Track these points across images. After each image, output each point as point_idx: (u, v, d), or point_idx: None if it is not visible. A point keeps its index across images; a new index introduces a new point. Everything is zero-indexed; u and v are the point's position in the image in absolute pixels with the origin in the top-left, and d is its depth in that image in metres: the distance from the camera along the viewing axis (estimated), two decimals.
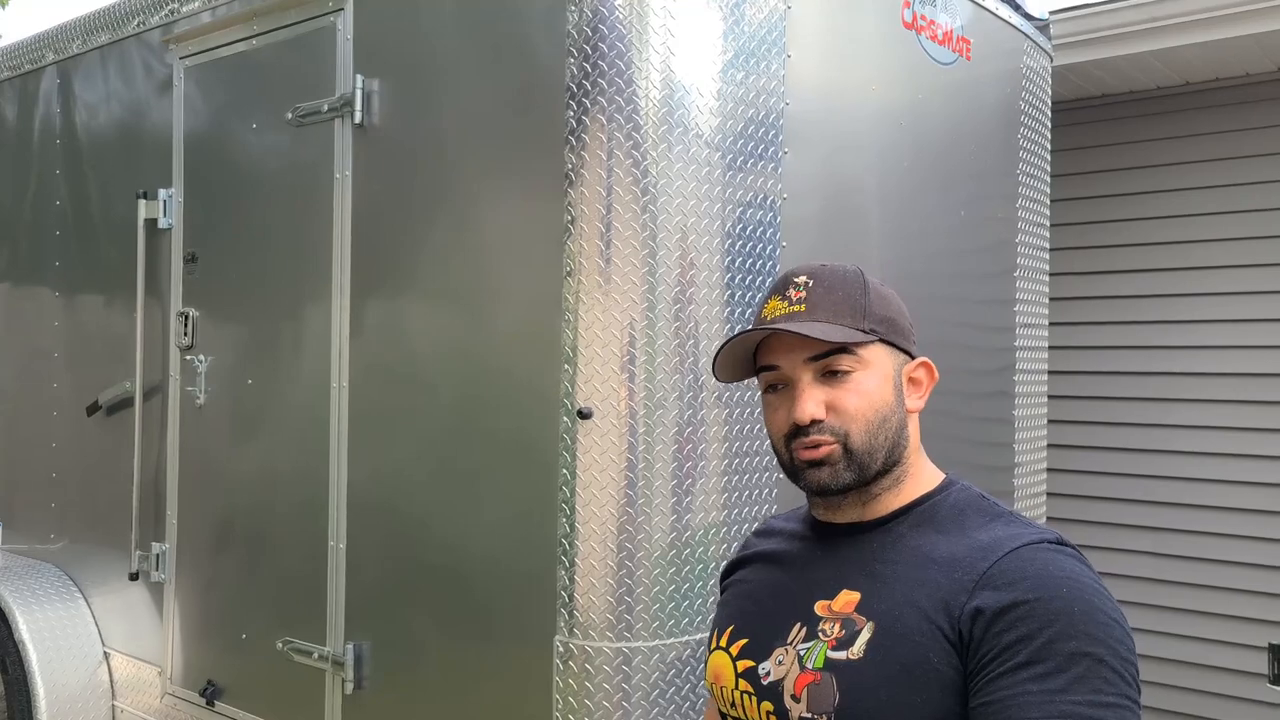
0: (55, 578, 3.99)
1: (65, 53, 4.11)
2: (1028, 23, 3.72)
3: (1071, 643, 1.15)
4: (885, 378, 1.35)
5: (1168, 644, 5.04)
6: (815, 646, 1.29)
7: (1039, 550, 1.24)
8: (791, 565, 1.43)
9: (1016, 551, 1.24)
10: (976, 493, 1.39)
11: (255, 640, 3.22)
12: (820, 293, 1.34)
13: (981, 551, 1.26)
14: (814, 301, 1.34)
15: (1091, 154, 5.27)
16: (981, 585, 1.22)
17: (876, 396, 1.34)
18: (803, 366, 1.34)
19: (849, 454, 1.32)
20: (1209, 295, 4.98)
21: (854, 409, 1.32)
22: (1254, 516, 4.84)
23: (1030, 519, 1.36)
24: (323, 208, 3.01)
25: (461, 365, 2.72)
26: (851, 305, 1.34)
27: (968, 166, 3.42)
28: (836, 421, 1.32)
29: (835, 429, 1.32)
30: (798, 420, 1.33)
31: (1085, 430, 5.25)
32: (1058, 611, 1.17)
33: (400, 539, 2.84)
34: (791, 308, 1.34)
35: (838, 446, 1.32)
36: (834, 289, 1.35)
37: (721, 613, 1.50)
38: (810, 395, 1.33)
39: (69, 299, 4.10)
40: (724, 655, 1.41)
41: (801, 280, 1.36)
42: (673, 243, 2.45)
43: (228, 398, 3.38)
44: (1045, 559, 1.23)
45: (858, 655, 1.25)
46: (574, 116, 2.44)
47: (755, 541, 1.57)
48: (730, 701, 1.38)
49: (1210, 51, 4.62)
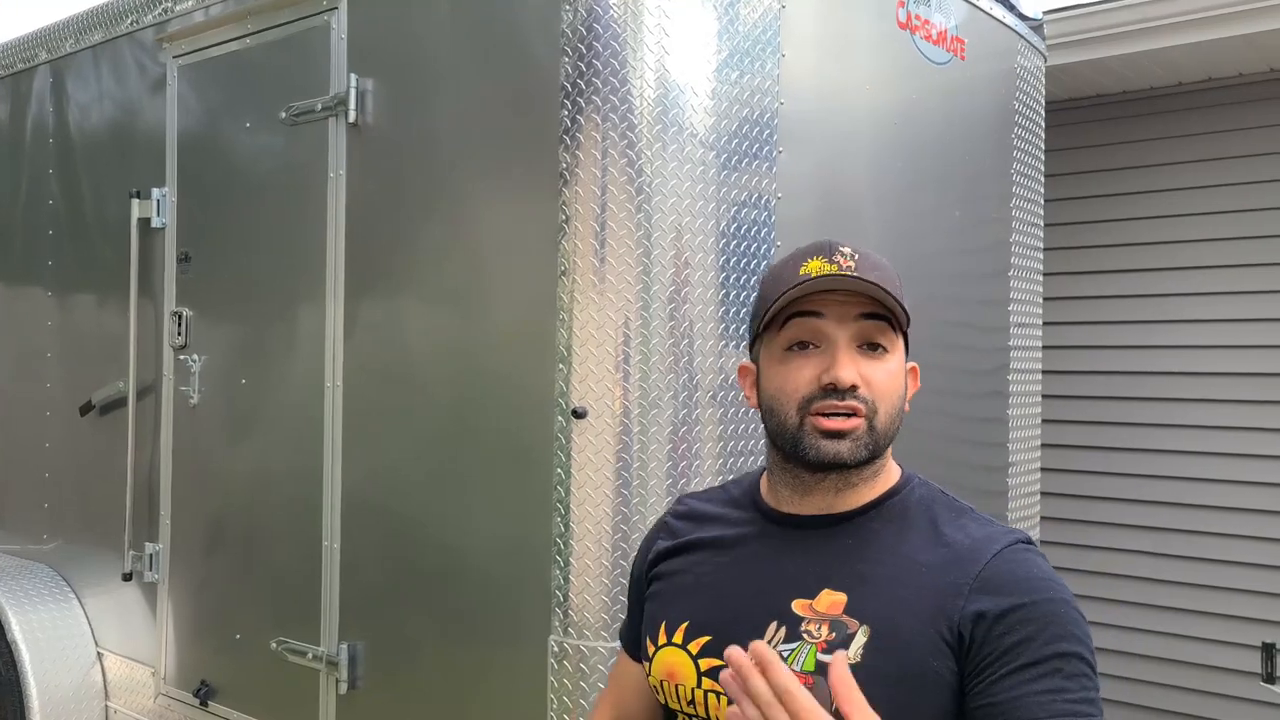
0: (48, 578, 3.98)
1: (58, 51, 4.09)
2: (1022, 23, 3.73)
3: (1063, 643, 1.20)
4: (903, 369, 1.35)
5: (1163, 643, 5.06)
6: (801, 648, 1.27)
7: (1019, 552, 1.28)
8: (751, 557, 1.38)
9: (1001, 555, 1.27)
10: (936, 488, 1.40)
11: (249, 640, 3.22)
12: (869, 265, 1.30)
13: (968, 554, 1.28)
14: (864, 270, 1.28)
15: (1085, 154, 5.28)
16: (977, 589, 1.24)
17: (899, 380, 1.33)
18: (849, 325, 1.28)
19: (872, 431, 1.29)
20: (1204, 295, 4.99)
21: (886, 388, 1.30)
22: (1250, 516, 4.85)
23: (989, 515, 1.38)
24: (317, 207, 3.01)
25: (456, 365, 2.71)
26: (896, 286, 1.30)
27: (962, 166, 3.42)
28: (870, 395, 1.28)
29: (867, 400, 1.28)
30: (840, 381, 1.26)
31: (1080, 430, 5.26)
32: (1050, 614, 1.21)
33: (394, 539, 2.83)
34: (844, 271, 1.28)
35: (864, 422, 1.29)
36: (879, 266, 1.31)
37: (661, 606, 1.43)
38: (848, 361, 1.28)
39: (62, 299, 4.09)
40: (679, 653, 1.36)
41: (848, 250, 1.31)
42: (667, 242, 2.45)
43: (221, 397, 3.37)
44: (1027, 561, 1.27)
45: (855, 659, 1.24)
46: (569, 116, 2.44)
47: (683, 526, 1.49)
48: (689, 700, 1.35)
49: (1203, 52, 4.64)
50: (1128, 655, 5.13)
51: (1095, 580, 5.19)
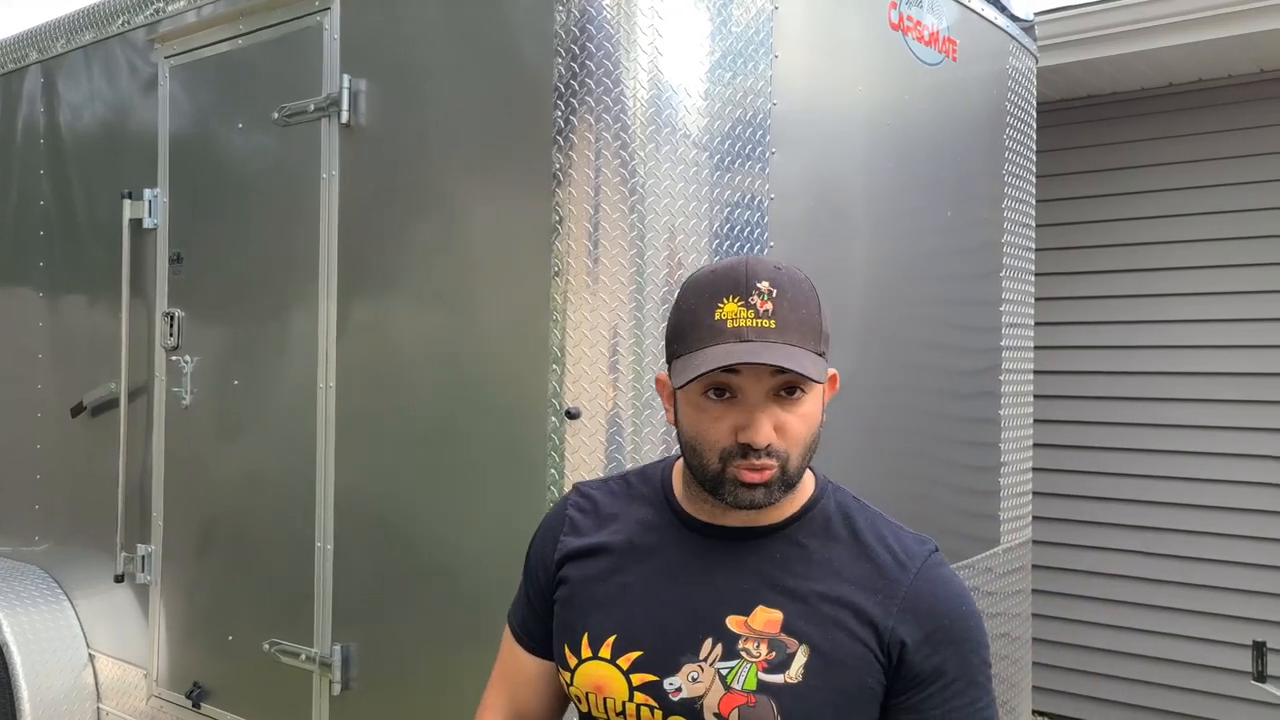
0: (39, 580, 3.97)
1: (49, 52, 4.08)
2: (1013, 24, 3.74)
3: (975, 656, 1.34)
4: (821, 401, 1.32)
5: (1155, 642, 5.07)
6: (741, 667, 1.29)
7: (934, 568, 1.37)
8: (678, 568, 1.37)
9: (921, 574, 1.35)
10: (847, 493, 1.44)
11: (242, 642, 3.21)
12: (786, 308, 1.26)
13: (891, 571, 1.35)
14: (783, 318, 1.25)
15: (1076, 155, 5.30)
16: (904, 609, 1.32)
17: (815, 419, 1.31)
18: (765, 382, 1.26)
19: (784, 475, 1.29)
20: (1197, 295, 5.02)
21: (799, 435, 1.29)
22: (1241, 515, 4.88)
23: (892, 517, 1.43)
24: (309, 208, 3.01)
25: (449, 365, 2.71)
26: (813, 326, 1.28)
27: (954, 167, 3.43)
28: (782, 446, 1.28)
29: (779, 453, 1.28)
30: (753, 442, 1.26)
31: (1072, 430, 5.27)
32: (964, 632, 1.33)
33: (388, 540, 2.83)
34: (759, 321, 1.25)
35: (778, 470, 1.28)
36: (798, 305, 1.27)
37: (578, 615, 1.41)
38: (768, 417, 1.26)
39: (53, 299, 4.08)
40: (607, 667, 1.35)
41: (764, 288, 1.26)
42: (660, 243, 2.45)
43: (214, 399, 3.37)
44: (941, 578, 1.37)
45: (796, 679, 1.28)
46: (561, 117, 2.44)
47: (587, 523, 1.46)
48: (619, 711, 1.34)
49: (1193, 53, 4.66)
50: (1120, 654, 5.15)
51: (1088, 580, 5.21)
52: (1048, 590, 5.08)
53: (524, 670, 1.53)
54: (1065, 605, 5.23)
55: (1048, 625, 5.11)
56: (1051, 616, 5.17)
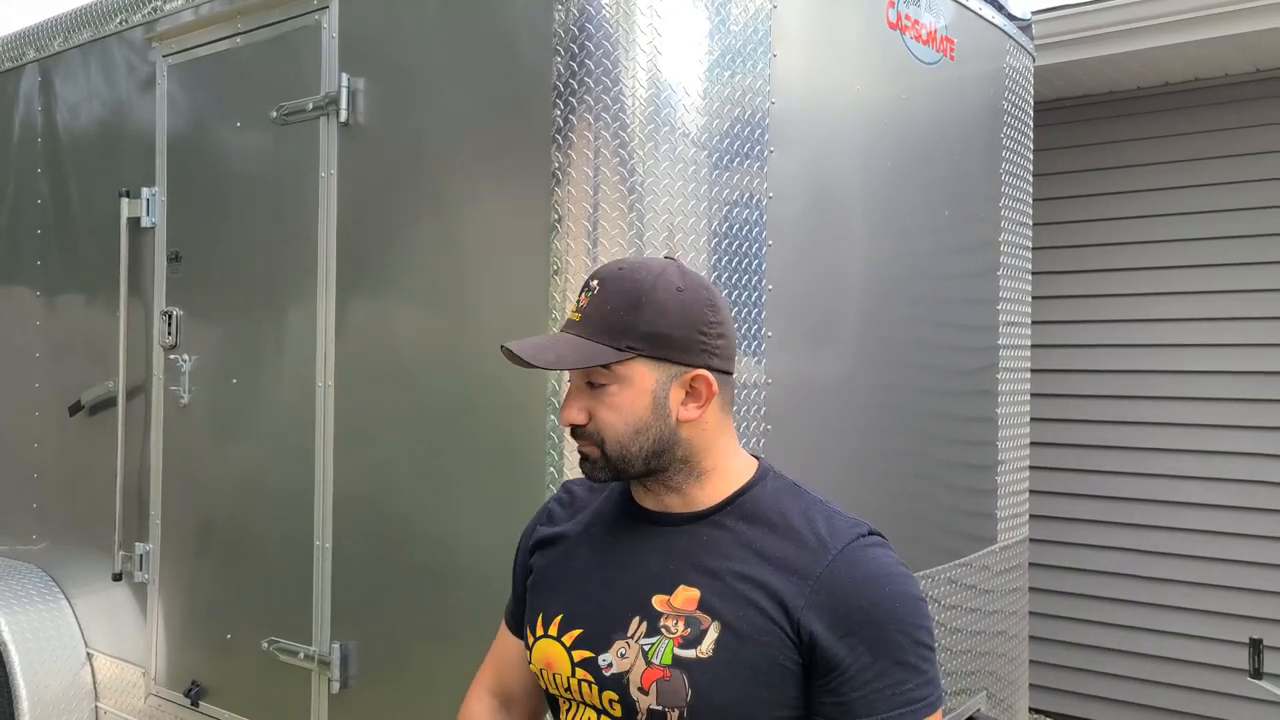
0: (37, 579, 3.97)
1: (46, 50, 4.08)
2: (1010, 23, 3.75)
3: (901, 636, 1.31)
4: (642, 392, 1.39)
5: (1151, 640, 5.09)
6: (660, 643, 1.36)
7: (857, 550, 1.35)
8: (617, 553, 1.47)
9: (842, 555, 1.34)
10: (789, 480, 1.46)
11: (240, 640, 3.21)
12: (597, 304, 1.39)
13: (811, 551, 1.35)
14: (589, 313, 1.40)
15: (1072, 154, 5.31)
16: (818, 590, 1.32)
17: (628, 410, 1.39)
18: (576, 373, 1.42)
19: (605, 456, 1.41)
20: (1191, 294, 5.03)
21: (605, 420, 1.40)
22: (1237, 513, 4.89)
23: (836, 505, 1.43)
24: (307, 207, 3.01)
25: (448, 364, 2.72)
26: (614, 322, 1.37)
27: (951, 166, 3.44)
28: (594, 429, 1.41)
29: (592, 435, 1.41)
30: (560, 422, 1.47)
31: (1068, 428, 5.28)
32: (886, 612, 1.31)
33: (386, 538, 2.83)
34: (574, 314, 1.42)
35: (596, 449, 1.41)
36: (608, 300, 1.39)
37: (538, 598, 1.53)
38: (574, 401, 1.42)
39: (51, 298, 4.08)
40: (554, 644, 1.46)
41: (595, 284, 1.41)
42: (659, 241, 2.46)
43: (212, 397, 3.37)
44: (867, 558, 1.35)
45: (707, 654, 1.33)
46: (560, 116, 2.44)
47: (561, 513, 1.60)
48: (565, 687, 1.45)
49: (1189, 52, 4.67)
50: (1117, 652, 5.16)
51: (1085, 578, 5.22)
52: (1045, 588, 5.10)
53: (509, 651, 1.64)
54: (1063, 603, 5.24)
55: (1045, 623, 5.12)
56: (1049, 614, 5.18)
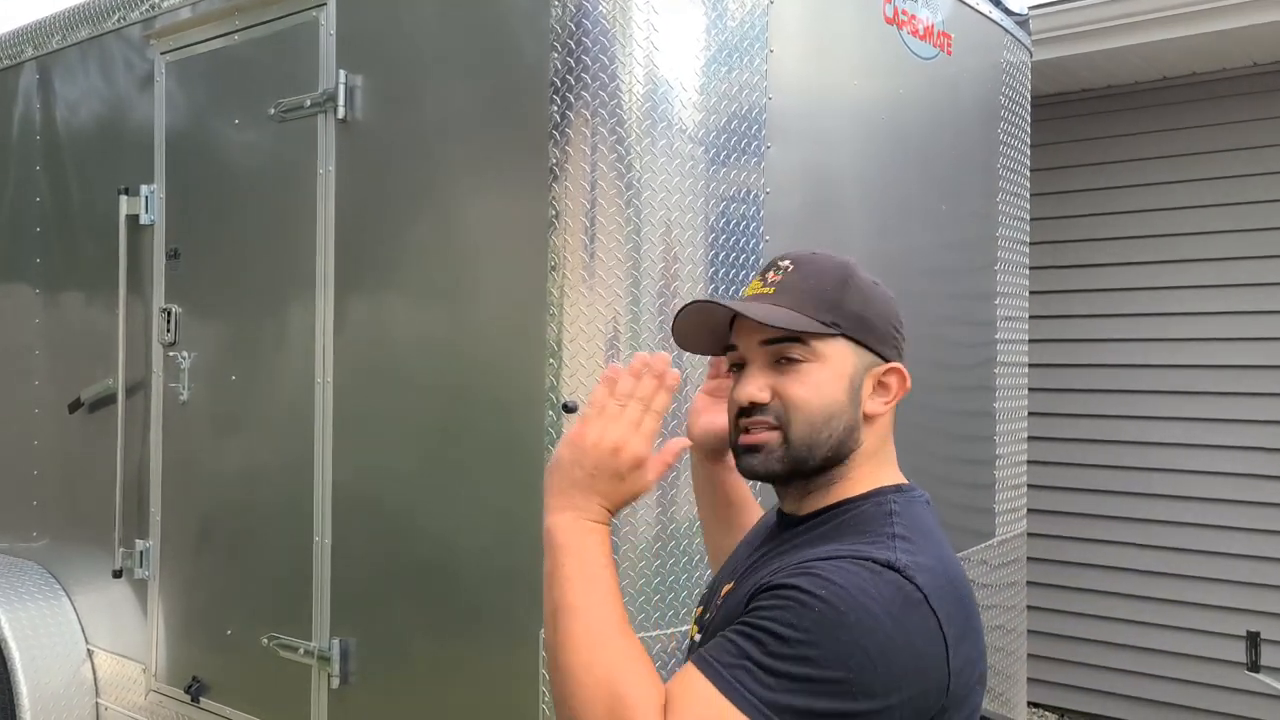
0: (38, 575, 3.97)
1: (45, 48, 4.08)
2: (1008, 18, 3.75)
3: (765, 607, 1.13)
4: (840, 375, 1.30)
5: (1149, 633, 5.09)
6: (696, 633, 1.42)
7: (844, 561, 1.17)
8: (738, 551, 1.49)
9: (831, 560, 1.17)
10: (889, 509, 1.28)
11: (240, 636, 3.22)
12: (795, 279, 1.32)
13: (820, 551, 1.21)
14: (785, 286, 1.32)
15: (1069, 148, 5.31)
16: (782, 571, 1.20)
17: (826, 390, 1.29)
18: (757, 349, 1.32)
19: (787, 444, 1.29)
20: (1192, 288, 5.03)
21: (798, 398, 1.29)
22: (1237, 507, 4.89)
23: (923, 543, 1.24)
24: (306, 203, 3.01)
25: (446, 360, 2.72)
26: (820, 296, 1.31)
27: (948, 161, 3.44)
28: (780, 408, 1.29)
29: (779, 414, 1.29)
30: (737, 399, 1.32)
31: (1066, 423, 5.29)
32: (787, 591, 1.14)
33: (386, 534, 2.84)
34: (764, 289, 1.33)
35: (777, 434, 1.29)
36: (809, 277, 1.33)
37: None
38: (755, 378, 1.31)
39: (50, 296, 4.08)
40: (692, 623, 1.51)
41: (785, 264, 1.35)
42: (656, 237, 2.46)
43: (211, 394, 3.37)
44: (837, 565, 1.16)
45: (699, 640, 1.37)
46: (558, 111, 2.44)
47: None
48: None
49: (1187, 46, 4.67)
50: (1115, 646, 5.17)
51: (1083, 572, 5.23)
52: (1043, 582, 5.10)
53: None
54: (1060, 597, 5.25)
55: (1043, 617, 5.13)
56: (1046, 609, 5.19)
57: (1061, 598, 5.25)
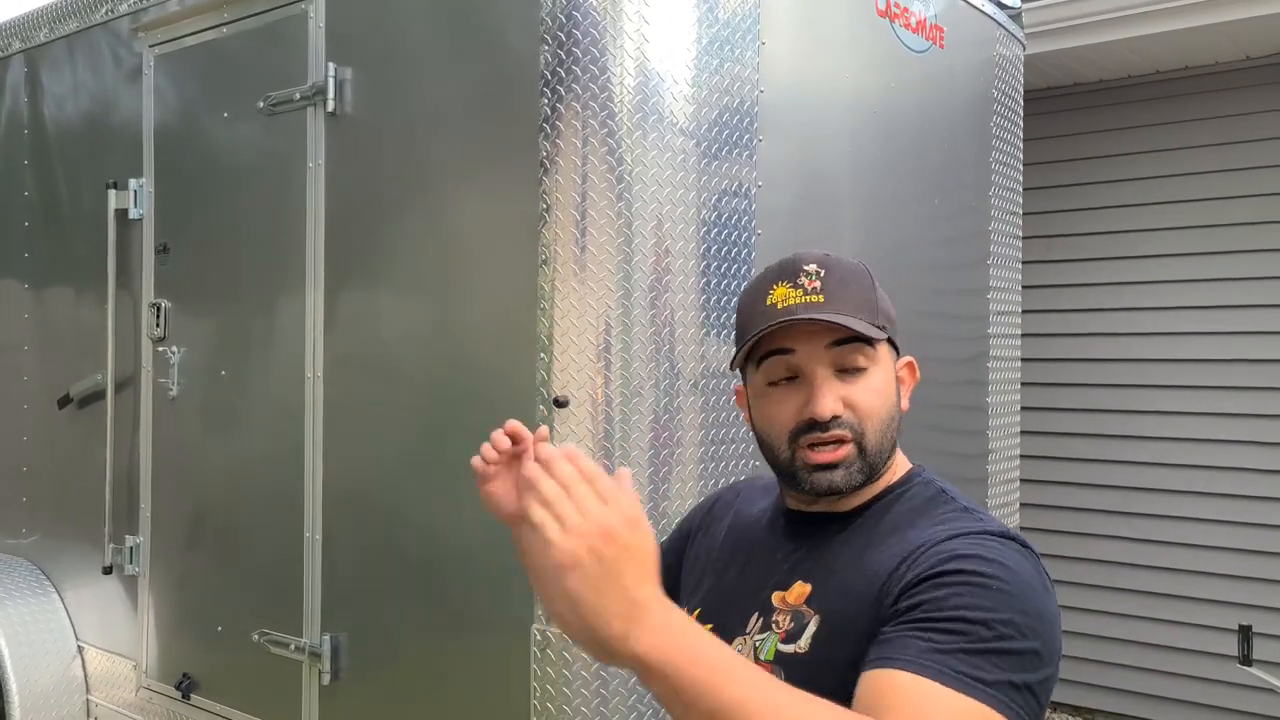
0: (27, 572, 3.96)
1: (32, 41, 4.06)
2: (1001, 11, 3.74)
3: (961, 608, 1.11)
4: (891, 377, 1.33)
5: (1141, 627, 5.10)
6: (768, 639, 1.30)
7: (976, 538, 1.20)
8: (754, 553, 1.42)
9: (960, 538, 1.20)
10: (938, 486, 1.36)
11: (231, 633, 3.21)
12: (835, 284, 1.29)
13: (924, 535, 1.23)
14: (830, 292, 1.28)
15: (1062, 142, 5.31)
16: (907, 560, 1.19)
17: (887, 395, 1.31)
18: (821, 355, 1.28)
19: (863, 454, 1.29)
20: (1183, 282, 5.03)
21: (871, 407, 1.29)
22: (1228, 500, 4.90)
23: (988, 513, 1.31)
24: (295, 197, 2.99)
25: (437, 354, 2.71)
26: (865, 300, 1.30)
27: (941, 155, 3.43)
28: (854, 419, 1.28)
29: (854, 427, 1.28)
30: (817, 415, 1.26)
31: (1058, 416, 5.29)
32: (957, 576, 1.14)
33: (376, 530, 2.83)
34: (808, 297, 1.28)
35: (853, 447, 1.28)
36: (847, 282, 1.31)
37: (690, 579, 1.51)
38: (829, 390, 1.27)
39: (38, 291, 4.06)
40: None
41: (813, 269, 1.30)
42: (648, 231, 2.45)
43: (201, 389, 3.35)
44: (978, 542, 1.19)
45: (804, 649, 1.26)
46: (548, 105, 2.43)
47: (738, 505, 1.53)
48: None
49: (1179, 40, 4.67)
50: (1107, 639, 5.18)
51: (1074, 565, 5.24)
52: None
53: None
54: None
55: None
56: None
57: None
